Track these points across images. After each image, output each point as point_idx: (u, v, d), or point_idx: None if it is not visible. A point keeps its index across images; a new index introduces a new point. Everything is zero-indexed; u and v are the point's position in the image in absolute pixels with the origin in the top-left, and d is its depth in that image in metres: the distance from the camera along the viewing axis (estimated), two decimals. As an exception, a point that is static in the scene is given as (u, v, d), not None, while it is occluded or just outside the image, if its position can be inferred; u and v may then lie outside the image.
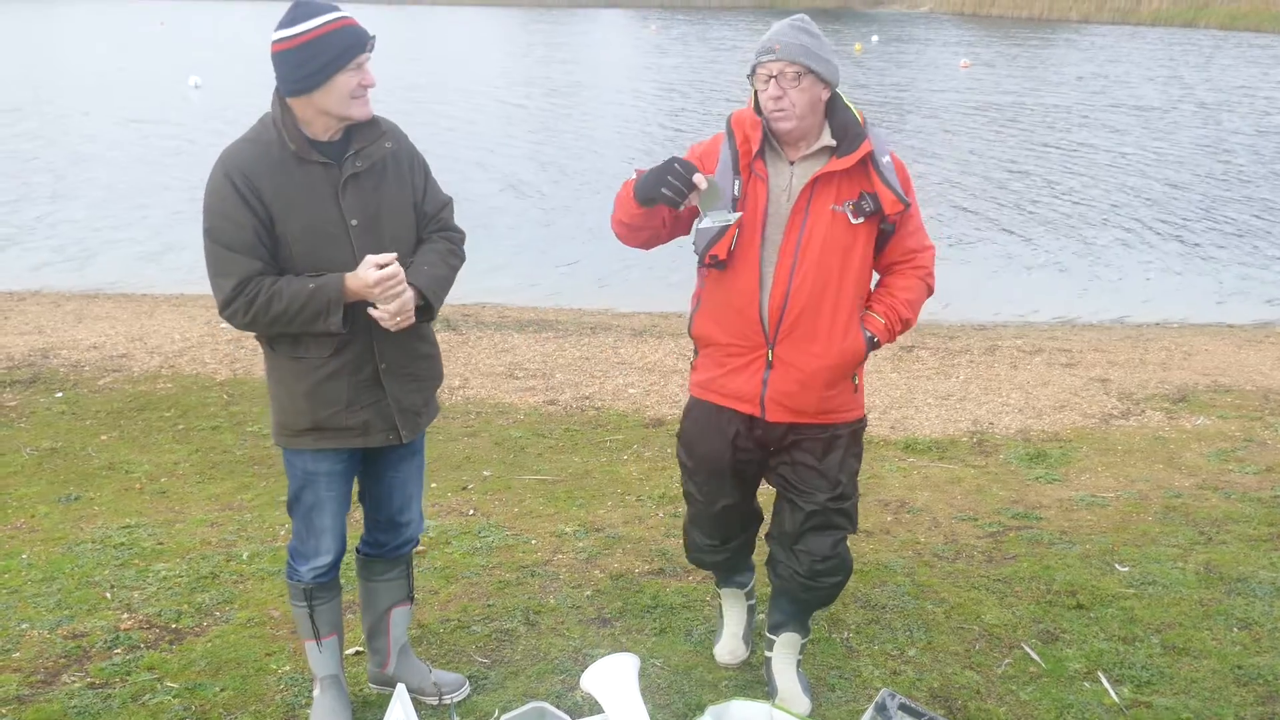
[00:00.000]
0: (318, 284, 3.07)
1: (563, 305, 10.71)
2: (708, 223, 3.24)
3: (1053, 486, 5.76)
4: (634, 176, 3.27)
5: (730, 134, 3.35)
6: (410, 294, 3.14)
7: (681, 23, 51.02)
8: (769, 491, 3.66)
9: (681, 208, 3.19)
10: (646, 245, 3.47)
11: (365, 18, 3.23)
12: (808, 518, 3.48)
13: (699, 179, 3.12)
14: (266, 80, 3.16)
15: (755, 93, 3.35)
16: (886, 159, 3.32)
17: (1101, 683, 3.82)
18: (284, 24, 3.03)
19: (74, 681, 3.79)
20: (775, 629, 3.74)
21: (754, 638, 4.03)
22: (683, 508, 5.42)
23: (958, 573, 4.66)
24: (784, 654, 3.72)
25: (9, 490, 5.56)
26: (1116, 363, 8.44)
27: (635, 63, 35.35)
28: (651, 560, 4.76)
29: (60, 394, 7.09)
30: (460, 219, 3.49)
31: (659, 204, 3.20)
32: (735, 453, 3.53)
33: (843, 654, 4.01)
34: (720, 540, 3.72)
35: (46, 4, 63.09)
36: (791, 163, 3.35)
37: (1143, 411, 7.12)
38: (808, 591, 3.57)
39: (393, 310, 3.11)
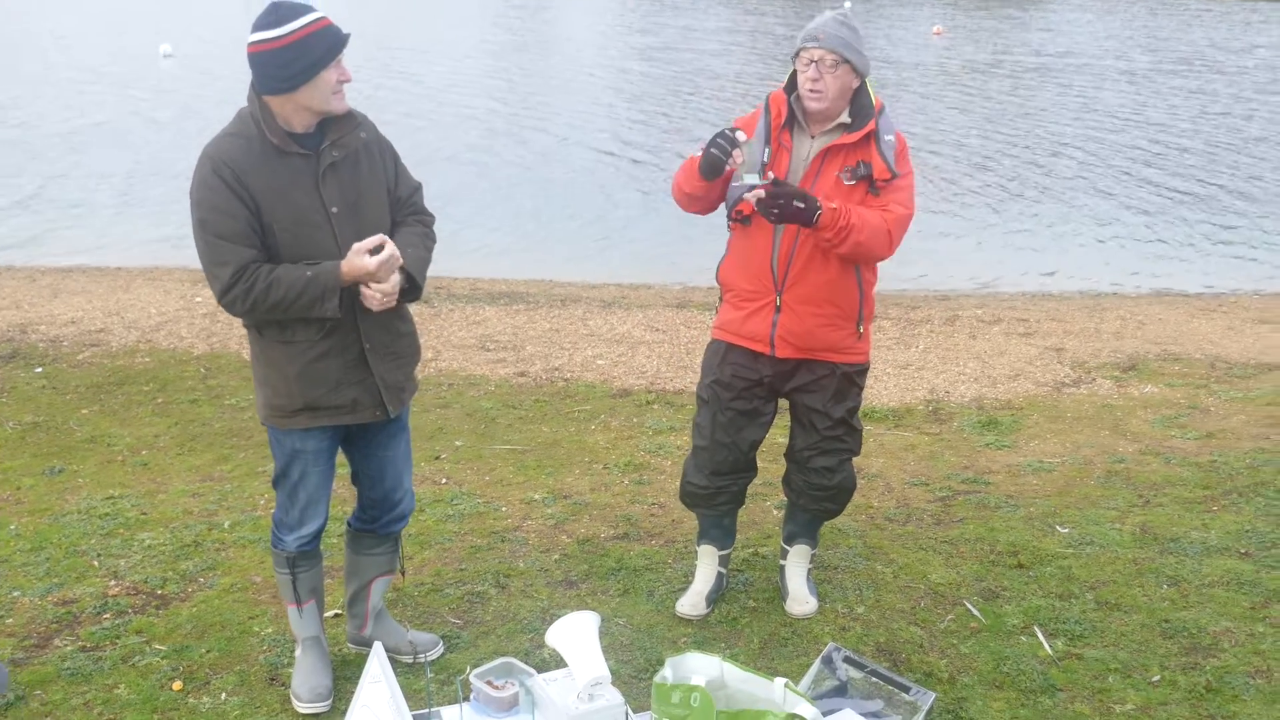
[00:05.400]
0: (314, 271, 3.24)
1: (533, 277, 10.86)
2: (737, 184, 3.73)
3: (1002, 453, 6.01)
4: (698, 154, 3.72)
5: (767, 109, 3.86)
6: (398, 274, 3.34)
7: (662, 6, 50.86)
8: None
9: (727, 166, 3.66)
10: (702, 212, 3.98)
11: (334, 8, 3.38)
12: (814, 444, 4.06)
13: (741, 137, 3.65)
14: (236, 52, 3.32)
15: (794, 72, 3.84)
16: (890, 137, 3.81)
17: (1037, 636, 4.07)
18: (264, 25, 3.14)
19: (66, 645, 3.98)
20: (789, 539, 4.37)
21: (719, 592, 4.30)
22: (646, 475, 5.66)
23: (907, 535, 4.91)
24: (796, 562, 4.34)
25: (-6, 463, 5.73)
26: (1072, 332, 8.69)
27: (609, 38, 35.29)
28: (616, 525, 4.99)
29: (40, 369, 7.23)
30: (434, 193, 3.68)
31: (718, 176, 3.72)
32: (743, 386, 3.99)
33: (796, 612, 4.25)
34: (711, 480, 4.13)
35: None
36: (813, 137, 3.84)
37: (1093, 380, 7.38)
38: (816, 503, 4.18)
39: (387, 290, 3.30)
